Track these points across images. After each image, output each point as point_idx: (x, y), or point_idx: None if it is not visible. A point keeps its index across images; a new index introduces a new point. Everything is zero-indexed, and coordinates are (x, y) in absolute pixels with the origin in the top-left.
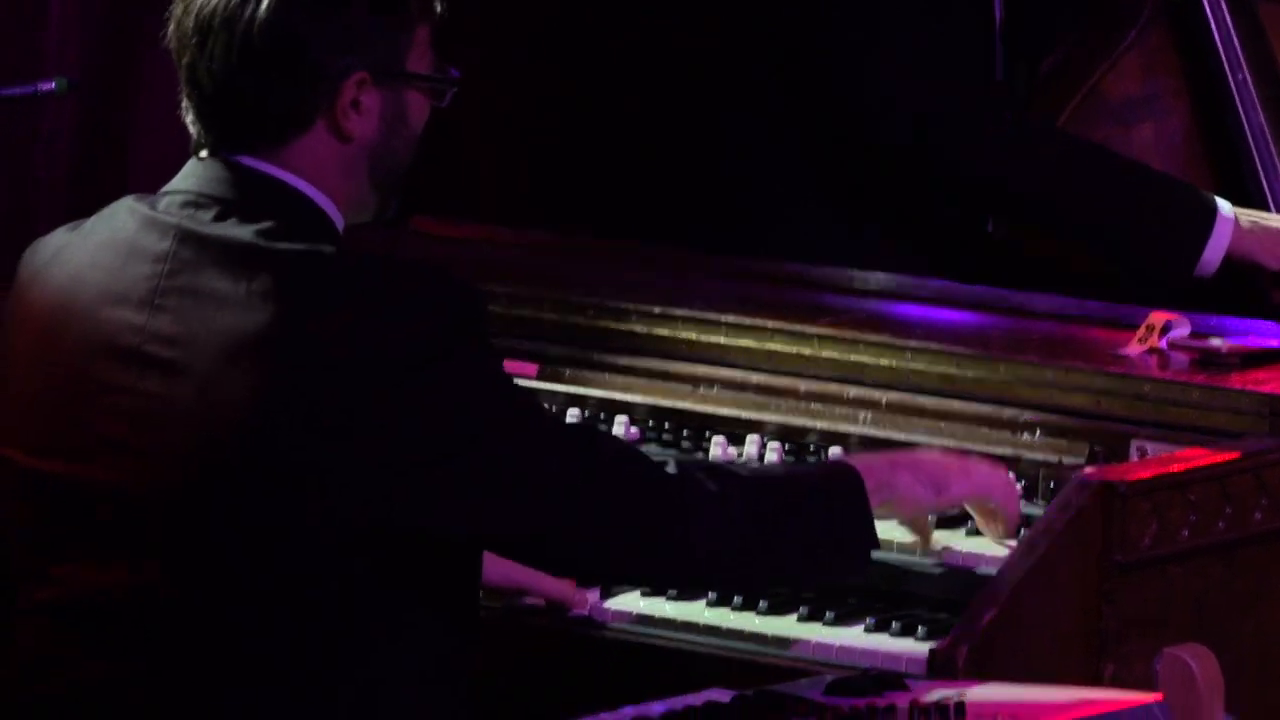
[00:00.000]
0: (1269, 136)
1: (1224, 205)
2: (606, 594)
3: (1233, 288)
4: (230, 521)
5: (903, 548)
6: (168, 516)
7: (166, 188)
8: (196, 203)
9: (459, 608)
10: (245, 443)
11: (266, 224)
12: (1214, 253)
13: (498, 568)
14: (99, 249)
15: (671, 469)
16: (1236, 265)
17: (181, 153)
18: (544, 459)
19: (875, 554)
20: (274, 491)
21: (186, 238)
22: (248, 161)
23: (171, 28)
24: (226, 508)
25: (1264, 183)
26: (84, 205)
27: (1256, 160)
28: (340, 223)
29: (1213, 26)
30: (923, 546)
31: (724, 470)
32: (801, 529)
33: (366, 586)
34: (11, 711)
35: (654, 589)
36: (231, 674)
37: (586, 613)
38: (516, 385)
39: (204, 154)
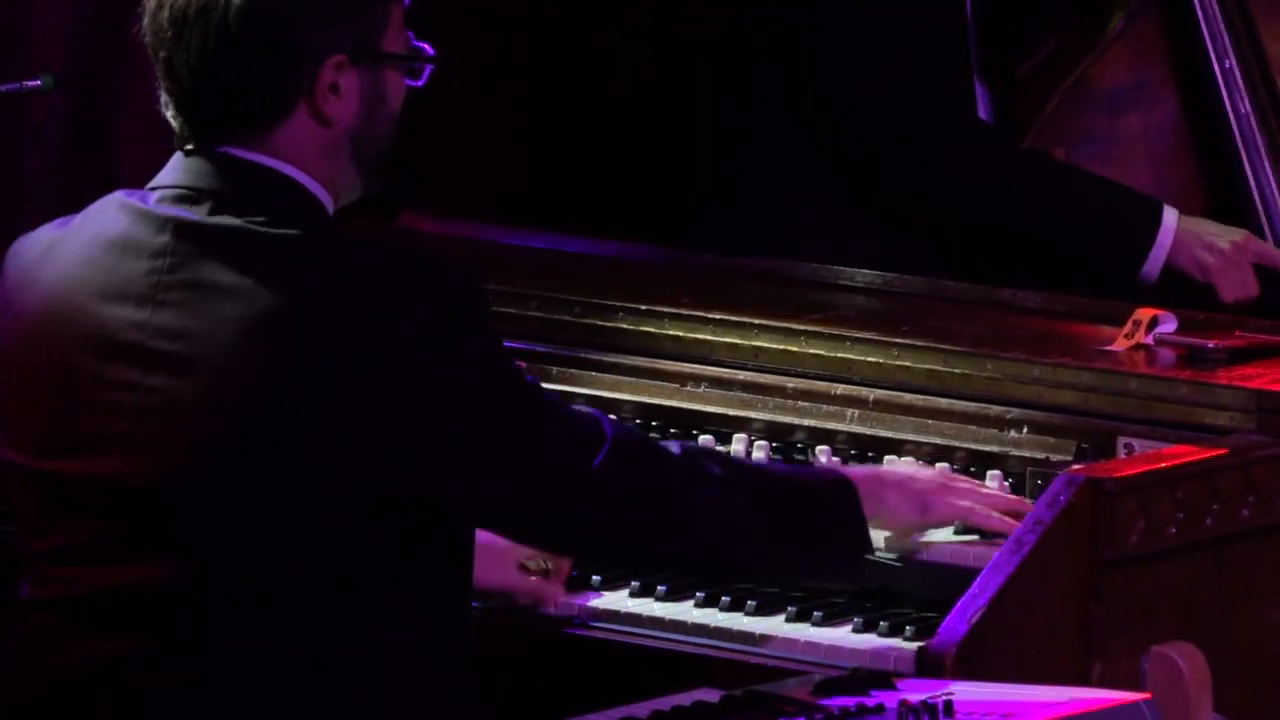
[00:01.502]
0: (1255, 125)
1: (1169, 216)
2: (588, 591)
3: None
4: (244, 508)
5: (890, 546)
6: (179, 508)
7: (154, 183)
8: (189, 197)
9: (455, 593)
10: (258, 428)
11: (262, 212)
12: (1155, 263)
13: (475, 567)
14: (90, 246)
15: (676, 450)
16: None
17: (170, 146)
18: (549, 438)
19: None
20: (286, 474)
21: (183, 231)
22: (234, 151)
23: (146, 22)
24: (241, 494)
25: (1249, 171)
26: (72, 201)
27: (1242, 149)
28: (330, 206)
29: (1200, 15)
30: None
31: (727, 457)
32: (801, 525)
33: (371, 567)
34: (16, 693)
35: (655, 571)
36: (240, 652)
37: (574, 613)
38: (520, 368)
39: (188, 147)
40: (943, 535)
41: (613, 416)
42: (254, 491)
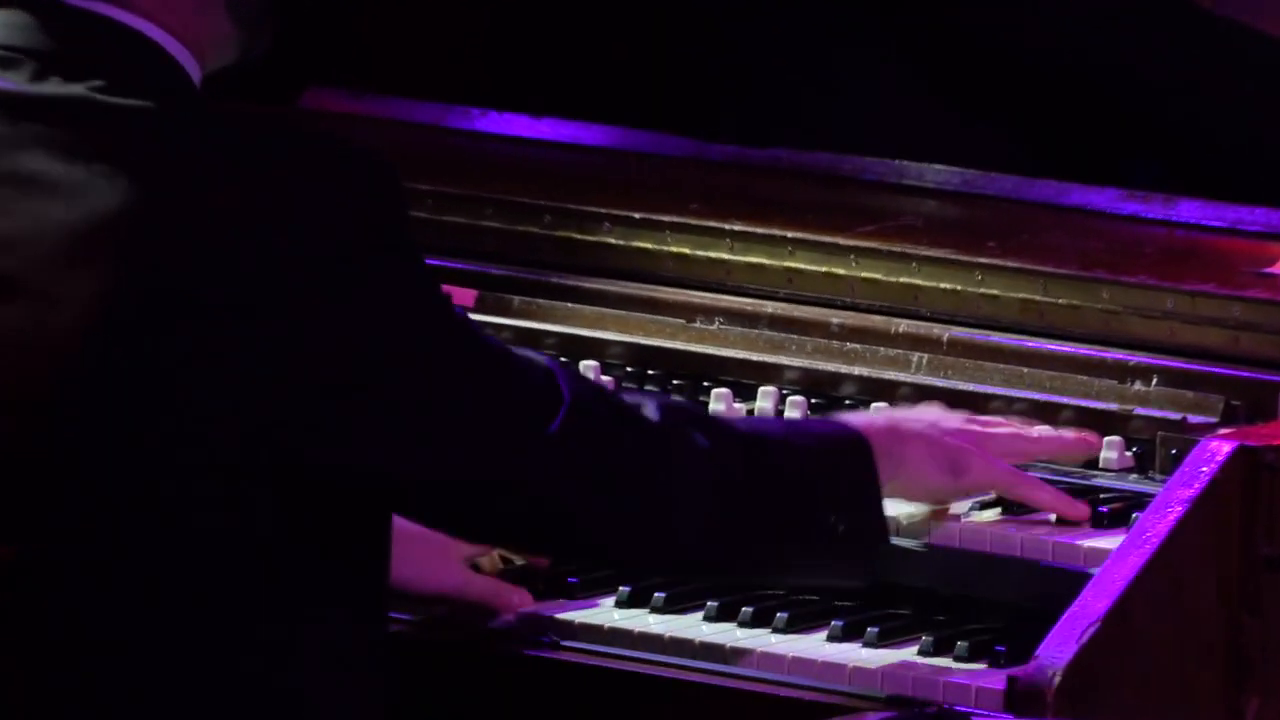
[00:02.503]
0: None
1: None
2: (561, 598)
3: None
4: (84, 471)
5: (966, 535)
6: (11, 473)
7: None
8: (6, 59)
9: (367, 589)
10: (96, 368)
11: (102, 79)
12: None
13: (410, 564)
14: None
15: (652, 413)
16: None
17: None
18: (488, 391)
19: (938, 545)
20: (132, 429)
21: None
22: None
23: None
24: (79, 455)
25: None
26: None
27: None
28: (197, 74)
29: None
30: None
31: (715, 422)
32: (802, 511)
33: (259, 548)
34: None
35: (614, 568)
36: (115, 646)
37: (541, 628)
38: (447, 295)
39: None
40: (1045, 525)
41: (585, 373)
42: (95, 451)
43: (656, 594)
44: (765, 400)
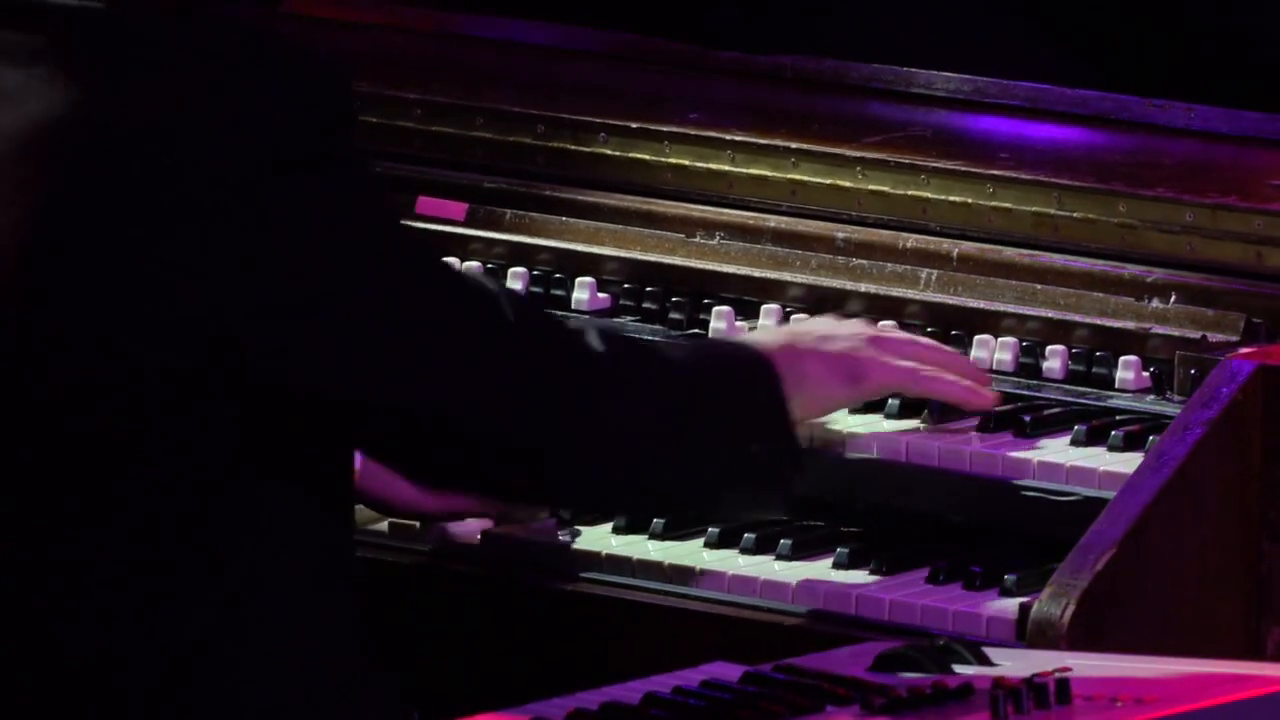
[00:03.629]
0: None
1: None
2: (549, 521)
3: None
4: (36, 388)
5: (977, 459)
6: None
7: None
8: None
9: (330, 510)
10: (34, 284)
11: None
12: None
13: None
14: None
15: (597, 343)
16: None
17: None
18: (430, 306)
19: (945, 472)
20: (81, 348)
21: None
22: None
23: None
24: (30, 369)
25: None
26: None
27: None
28: None
29: None
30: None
31: (651, 352)
32: (731, 441)
33: (215, 469)
34: None
35: (552, 498)
36: (69, 565)
37: (530, 553)
38: (396, 213)
39: None
40: (1057, 448)
41: (581, 289)
42: (41, 366)
43: (654, 520)
44: (768, 319)
